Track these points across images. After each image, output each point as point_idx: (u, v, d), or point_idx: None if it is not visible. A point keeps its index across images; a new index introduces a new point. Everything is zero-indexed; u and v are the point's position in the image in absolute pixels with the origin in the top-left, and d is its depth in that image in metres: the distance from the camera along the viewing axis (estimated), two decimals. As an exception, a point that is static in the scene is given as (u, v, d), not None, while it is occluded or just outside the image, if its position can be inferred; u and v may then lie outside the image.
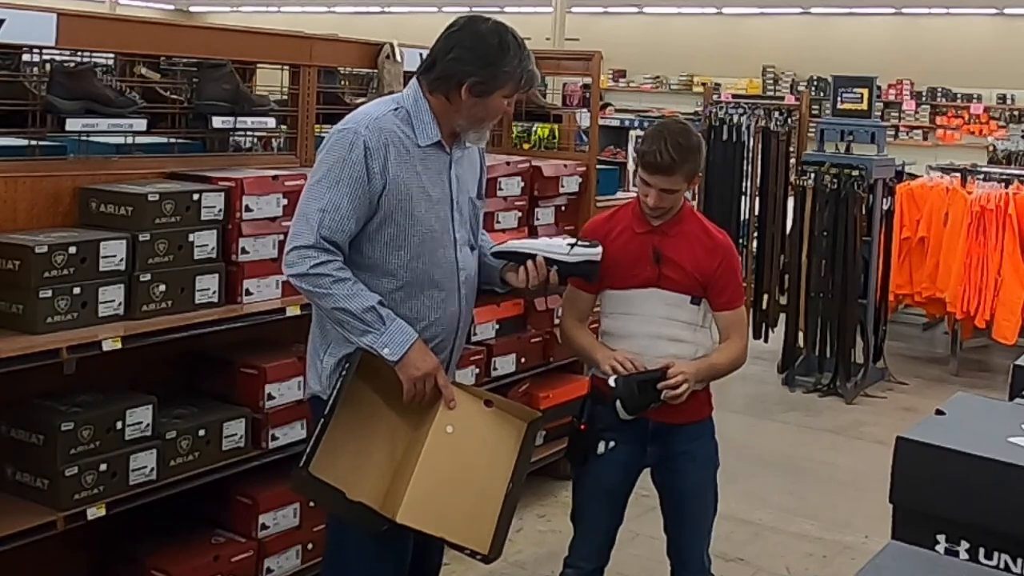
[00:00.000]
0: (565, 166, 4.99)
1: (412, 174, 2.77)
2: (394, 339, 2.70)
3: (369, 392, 2.79)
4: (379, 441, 2.77)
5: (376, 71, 4.46)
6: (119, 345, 3.09)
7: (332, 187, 2.70)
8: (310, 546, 3.71)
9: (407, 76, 4.55)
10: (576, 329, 3.29)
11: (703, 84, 16.76)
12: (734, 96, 13.46)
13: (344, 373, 2.73)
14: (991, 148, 11.12)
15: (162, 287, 3.28)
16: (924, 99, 18.90)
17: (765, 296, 7.99)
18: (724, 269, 3.18)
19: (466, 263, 2.92)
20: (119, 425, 3.17)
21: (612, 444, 3.18)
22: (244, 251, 3.52)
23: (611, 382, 3.05)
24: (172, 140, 3.97)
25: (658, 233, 3.16)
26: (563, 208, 4.99)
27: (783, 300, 7.62)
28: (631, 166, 10.62)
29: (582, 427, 3.21)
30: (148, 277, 3.24)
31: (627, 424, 3.13)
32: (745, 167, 8.26)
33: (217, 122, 3.81)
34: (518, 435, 2.88)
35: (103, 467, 3.10)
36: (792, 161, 8.24)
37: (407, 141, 2.77)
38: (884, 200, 7.22)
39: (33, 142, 3.45)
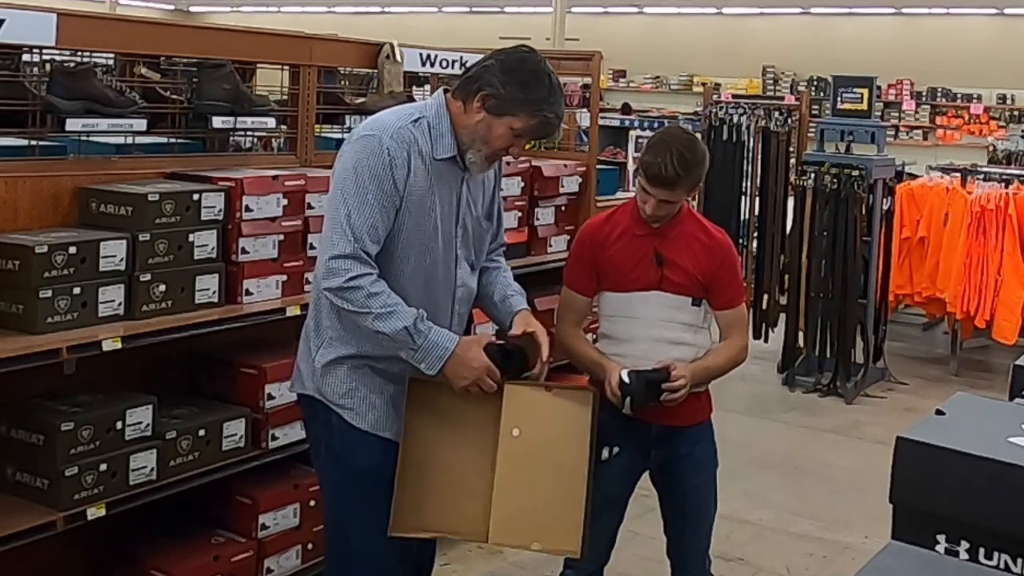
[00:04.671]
0: (565, 166, 4.99)
1: (426, 187, 2.75)
2: (429, 355, 2.67)
3: (424, 424, 2.77)
4: (448, 469, 2.76)
5: (376, 71, 4.46)
6: (119, 345, 3.08)
7: (363, 196, 2.66)
8: (310, 546, 3.71)
9: (407, 76, 4.55)
10: (577, 339, 3.26)
11: (703, 84, 16.78)
12: (734, 96, 13.48)
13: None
14: (991, 148, 11.14)
15: (162, 287, 3.28)
16: (924, 99, 18.93)
17: (765, 296, 7.99)
18: (725, 268, 3.18)
19: (464, 280, 2.91)
20: (119, 425, 3.17)
21: (616, 450, 3.17)
22: (244, 251, 3.52)
23: (625, 377, 3.03)
24: (172, 140, 3.97)
25: (658, 235, 3.15)
26: (563, 208, 4.99)
27: (783, 300, 7.62)
28: (631, 166, 10.63)
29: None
30: (148, 277, 3.24)
31: (631, 429, 3.12)
32: (745, 167, 8.26)
33: (217, 122, 3.81)
34: (587, 413, 2.82)
35: (103, 467, 3.10)
36: (792, 161, 8.24)
37: (424, 154, 2.75)
38: (884, 200, 7.22)
39: (33, 142, 3.45)
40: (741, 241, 8.20)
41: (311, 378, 2.86)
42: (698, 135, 3.94)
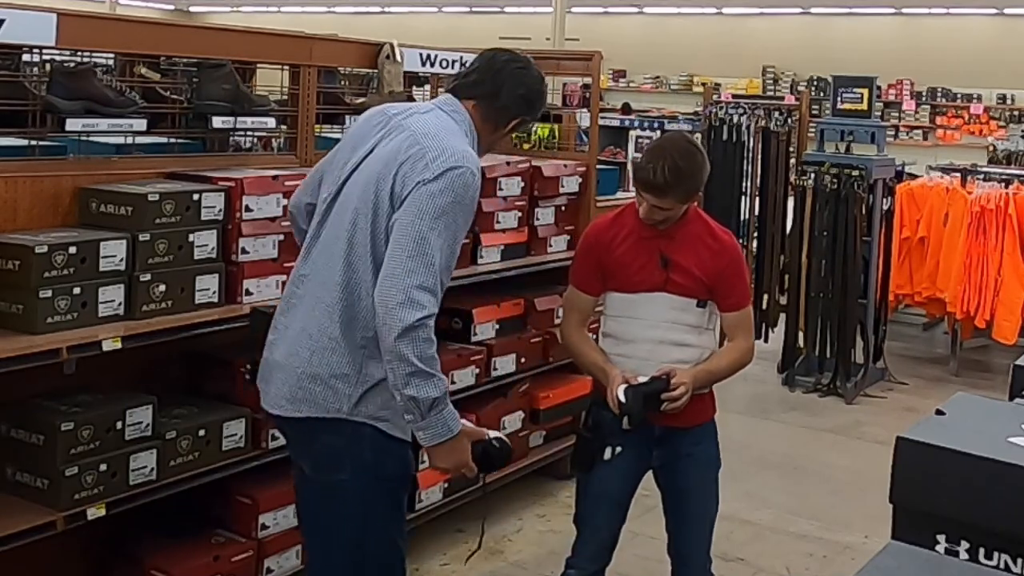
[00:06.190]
0: (565, 166, 4.99)
1: None
2: (432, 429, 2.56)
3: None
4: None
5: (376, 71, 4.46)
6: (119, 345, 3.09)
7: (454, 232, 2.60)
8: (310, 546, 3.71)
9: (407, 76, 4.55)
10: (581, 341, 3.26)
11: (703, 84, 16.77)
12: (734, 96, 13.47)
13: None
14: (991, 148, 11.13)
15: (162, 287, 3.28)
16: (924, 99, 18.92)
17: (765, 296, 7.99)
18: (731, 271, 3.17)
19: None
20: (119, 425, 3.17)
21: (619, 449, 3.17)
22: (244, 251, 3.52)
23: (621, 396, 3.03)
24: (172, 140, 3.97)
25: (664, 237, 3.15)
26: (563, 208, 4.99)
27: (783, 300, 7.62)
28: (631, 166, 10.63)
29: (589, 434, 3.21)
30: (148, 277, 3.24)
31: (636, 429, 3.12)
32: (745, 167, 8.25)
33: (217, 122, 3.81)
34: None
35: (103, 467, 3.10)
36: (792, 161, 8.24)
37: None
38: (884, 200, 7.22)
39: (33, 142, 3.45)
40: (741, 241, 8.19)
41: (347, 399, 2.64)
42: (698, 135, 3.94)
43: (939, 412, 2.11)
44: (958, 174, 8.06)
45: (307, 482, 2.78)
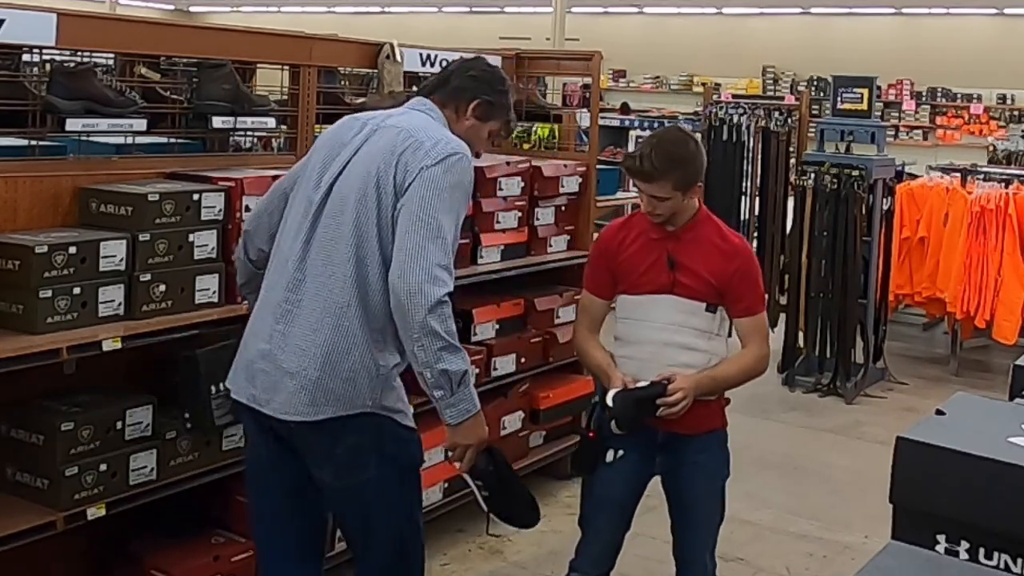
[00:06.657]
0: (565, 166, 4.99)
1: None
2: (461, 404, 2.63)
3: None
4: None
5: (376, 71, 4.46)
6: (119, 345, 3.09)
7: (455, 211, 2.69)
8: (310, 546, 3.70)
9: (407, 76, 4.56)
10: (589, 344, 3.26)
11: (703, 84, 16.79)
12: (734, 96, 13.46)
13: None
14: (991, 148, 11.13)
15: (162, 287, 3.28)
16: (924, 99, 18.95)
17: (765, 296, 7.99)
18: (742, 275, 3.14)
19: None
20: (119, 425, 3.17)
21: (621, 453, 3.16)
22: (244, 251, 3.51)
23: (609, 400, 3.02)
24: (172, 140, 3.97)
25: (673, 239, 3.14)
26: (563, 208, 4.99)
27: (783, 300, 7.62)
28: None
29: (591, 435, 3.20)
30: (148, 277, 3.24)
31: (637, 434, 3.10)
32: (745, 167, 8.26)
33: (217, 122, 3.81)
34: None
35: (103, 467, 3.10)
36: (792, 161, 8.24)
37: None
38: (884, 200, 7.21)
39: (33, 142, 3.45)
40: (741, 241, 8.19)
41: (369, 392, 2.69)
42: (698, 135, 3.94)
43: (939, 412, 2.11)
44: (958, 174, 8.05)
45: (330, 492, 2.79)
